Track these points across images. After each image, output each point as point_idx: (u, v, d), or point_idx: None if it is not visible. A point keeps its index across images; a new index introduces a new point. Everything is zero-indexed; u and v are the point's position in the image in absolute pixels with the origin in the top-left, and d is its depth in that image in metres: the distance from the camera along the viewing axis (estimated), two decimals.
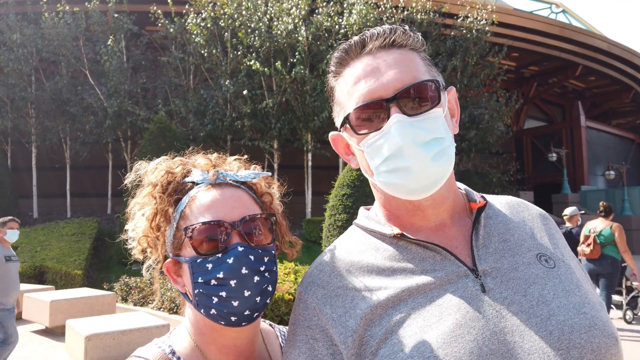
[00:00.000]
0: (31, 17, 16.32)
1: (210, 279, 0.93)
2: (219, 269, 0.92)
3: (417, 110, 0.91)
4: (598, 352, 0.81)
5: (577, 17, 27.12)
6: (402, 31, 0.96)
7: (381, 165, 0.93)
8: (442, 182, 0.92)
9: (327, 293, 0.94)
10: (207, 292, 0.93)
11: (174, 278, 1.01)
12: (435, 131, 0.91)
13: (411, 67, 0.93)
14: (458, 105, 1.03)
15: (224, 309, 0.93)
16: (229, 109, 15.21)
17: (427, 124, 0.91)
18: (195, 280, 0.94)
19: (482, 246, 0.94)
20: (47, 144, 16.60)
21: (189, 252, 0.96)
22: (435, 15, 16.04)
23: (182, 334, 1.06)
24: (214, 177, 1.00)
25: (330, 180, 11.72)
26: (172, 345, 1.03)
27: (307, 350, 0.91)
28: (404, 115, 0.90)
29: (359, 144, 0.96)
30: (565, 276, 0.92)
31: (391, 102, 0.90)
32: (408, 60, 0.94)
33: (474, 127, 17.04)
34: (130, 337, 5.51)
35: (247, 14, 14.50)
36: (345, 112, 0.97)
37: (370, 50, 0.95)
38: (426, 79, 0.93)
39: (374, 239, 0.99)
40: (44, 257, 11.05)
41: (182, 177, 1.03)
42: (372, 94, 0.92)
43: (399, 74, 0.91)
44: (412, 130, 0.89)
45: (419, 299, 0.88)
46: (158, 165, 1.05)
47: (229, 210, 0.96)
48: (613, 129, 29.58)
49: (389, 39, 0.95)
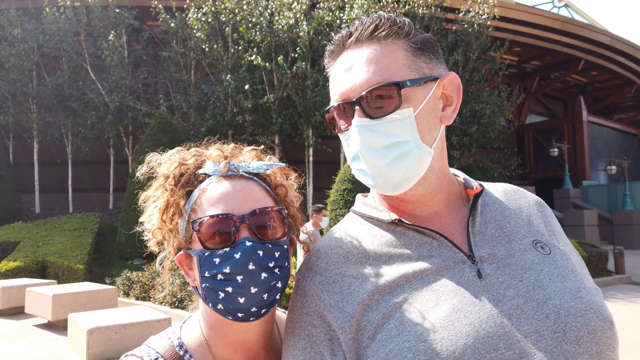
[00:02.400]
0: (32, 12, 16.30)
1: (216, 274, 0.91)
2: (226, 264, 0.90)
3: (379, 112, 0.90)
4: (594, 335, 0.82)
5: (580, 12, 27.00)
6: (387, 19, 0.94)
7: (351, 164, 0.99)
8: (410, 184, 0.93)
9: (324, 279, 0.94)
10: (214, 287, 0.92)
11: (185, 271, 1.00)
12: (396, 135, 0.90)
13: (383, 65, 0.90)
14: (460, 92, 0.98)
15: (230, 305, 0.91)
16: (230, 104, 15.20)
17: (387, 128, 0.90)
18: (202, 274, 0.93)
19: (479, 233, 0.95)
20: (49, 139, 16.61)
21: (197, 245, 0.95)
22: (437, 10, 15.95)
23: (193, 327, 1.05)
24: (225, 169, 0.98)
25: (331, 176, 11.72)
26: (181, 338, 1.03)
27: (306, 337, 0.91)
28: (365, 118, 0.90)
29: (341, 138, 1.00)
30: (561, 262, 0.92)
31: (355, 105, 0.91)
32: (383, 56, 0.91)
33: (475, 122, 16.99)
34: (132, 331, 5.53)
35: (248, 9, 14.45)
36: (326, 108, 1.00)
37: (352, 42, 0.94)
38: (387, 82, 0.89)
39: (372, 225, 1.00)
40: (46, 252, 11.09)
41: (195, 168, 1.01)
42: (342, 96, 0.94)
43: (366, 74, 0.90)
44: (369, 136, 0.90)
45: (415, 284, 0.88)
46: (171, 157, 1.03)
47: (238, 203, 0.94)
48: (615, 124, 29.48)
49: (368, 31, 0.93)
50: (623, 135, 30.12)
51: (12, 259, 10.69)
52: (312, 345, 0.90)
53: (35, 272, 10.43)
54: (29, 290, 7.61)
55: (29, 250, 11.21)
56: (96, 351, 5.33)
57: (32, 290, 7.55)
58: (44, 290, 7.36)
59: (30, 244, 11.73)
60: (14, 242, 12.05)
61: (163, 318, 5.82)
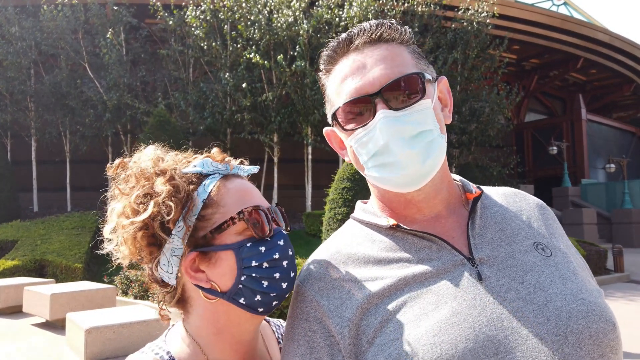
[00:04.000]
0: (30, 10, 16.23)
1: (262, 262, 0.93)
2: (274, 251, 0.95)
3: (403, 104, 0.91)
4: (596, 338, 0.81)
5: (579, 10, 27.02)
6: (389, 25, 0.96)
7: (369, 161, 0.94)
8: (432, 174, 0.93)
9: (324, 285, 0.94)
10: (260, 276, 0.93)
11: (190, 274, 0.95)
12: (422, 124, 0.91)
13: (397, 62, 0.93)
14: (451, 95, 1.03)
15: (272, 292, 0.95)
16: (229, 102, 15.17)
17: (414, 117, 0.91)
18: (246, 264, 0.92)
19: (479, 235, 0.94)
20: (47, 137, 16.55)
21: (232, 238, 0.94)
22: (436, 8, 15.92)
23: (180, 336, 1.01)
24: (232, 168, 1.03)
25: (330, 174, 11.70)
26: (169, 350, 0.99)
27: (306, 343, 0.91)
28: (389, 110, 0.90)
29: (348, 140, 0.97)
30: (562, 264, 0.91)
31: (376, 97, 0.90)
32: (395, 55, 0.94)
33: (474, 120, 16.99)
34: (130, 330, 5.52)
35: (247, 7, 14.42)
36: (334, 109, 0.98)
37: (357, 46, 0.95)
38: (410, 72, 0.92)
39: (370, 231, 1.00)
40: (44, 251, 11.06)
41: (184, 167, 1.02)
42: (358, 91, 0.92)
43: (384, 70, 0.91)
44: (398, 126, 0.89)
45: (415, 287, 0.88)
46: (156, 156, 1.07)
47: (259, 197, 1.01)
48: (614, 122, 29.53)
49: (376, 33, 0.95)
50: (622, 133, 30.16)
51: (10, 258, 10.66)
52: (311, 352, 0.90)
53: (33, 271, 10.39)
54: (26, 289, 7.59)
55: (27, 249, 11.19)
56: (94, 351, 5.31)
57: (30, 289, 7.53)
58: (42, 289, 7.34)
59: (28, 242, 11.70)
60: (12, 240, 12.02)
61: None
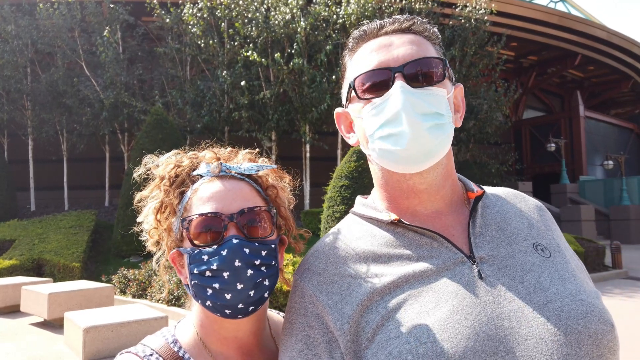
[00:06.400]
0: (26, 9, 16.16)
1: (204, 271, 0.94)
2: (213, 261, 0.93)
3: (422, 83, 0.93)
4: (595, 338, 0.82)
5: (577, 6, 27.02)
6: (420, 21, 1.00)
7: (377, 131, 0.93)
8: (437, 157, 0.92)
9: (322, 280, 0.94)
10: (202, 284, 0.94)
11: (178, 269, 1.03)
12: (436, 106, 0.92)
13: (423, 48, 0.96)
14: (464, 102, 1.05)
15: (217, 301, 0.93)
16: (226, 100, 15.13)
17: (429, 98, 0.92)
18: (191, 271, 0.96)
19: (479, 234, 0.95)
20: (44, 136, 16.51)
21: (188, 243, 0.98)
22: (434, 5, 15.90)
23: (188, 325, 1.09)
24: (217, 170, 1.01)
25: (329, 172, 11.69)
26: (175, 335, 1.07)
27: (303, 338, 0.91)
28: (408, 85, 0.91)
29: (362, 110, 0.96)
30: (561, 265, 0.92)
31: (397, 71, 0.92)
32: (421, 42, 0.97)
33: (472, 118, 17.00)
34: (128, 329, 5.51)
35: (244, 4, 14.37)
36: (353, 76, 0.98)
37: (386, 31, 0.99)
38: (434, 56, 0.96)
39: (371, 226, 1.00)
40: (42, 250, 11.03)
41: (190, 170, 1.05)
42: (381, 64, 0.94)
43: (410, 50, 0.94)
44: (413, 99, 0.91)
45: (415, 285, 0.88)
46: (168, 159, 1.07)
47: (228, 202, 0.97)
48: (612, 119, 29.58)
49: (406, 24, 0.99)
50: (620, 130, 30.22)
51: (7, 257, 10.63)
52: (309, 347, 0.90)
53: (30, 270, 10.37)
54: (24, 289, 7.57)
55: (24, 248, 11.16)
56: (92, 350, 5.30)
57: (28, 288, 7.51)
58: (40, 288, 7.31)
59: (25, 241, 11.67)
60: (10, 240, 11.99)
61: (160, 316, 5.80)
